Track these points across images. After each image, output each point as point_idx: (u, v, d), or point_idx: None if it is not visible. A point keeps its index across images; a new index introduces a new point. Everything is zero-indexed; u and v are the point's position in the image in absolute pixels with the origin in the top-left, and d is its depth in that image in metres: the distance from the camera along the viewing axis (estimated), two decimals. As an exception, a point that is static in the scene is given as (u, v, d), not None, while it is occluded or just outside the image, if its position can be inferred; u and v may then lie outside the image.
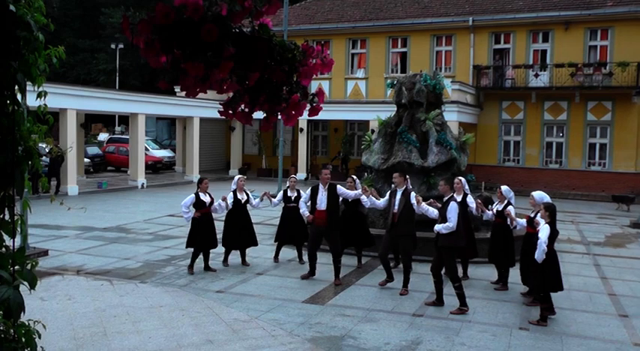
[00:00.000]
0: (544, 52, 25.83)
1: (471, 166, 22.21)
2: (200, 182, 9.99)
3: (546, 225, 7.43)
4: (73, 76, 48.69)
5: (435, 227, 8.01)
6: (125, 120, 39.34)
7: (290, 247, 11.17)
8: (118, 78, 46.85)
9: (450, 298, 8.03)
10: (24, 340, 2.78)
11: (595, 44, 25.08)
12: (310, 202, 9.63)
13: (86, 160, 26.85)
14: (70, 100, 19.81)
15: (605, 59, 24.50)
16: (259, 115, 2.85)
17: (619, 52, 24.05)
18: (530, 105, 25.94)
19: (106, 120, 45.69)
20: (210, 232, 9.85)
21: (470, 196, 9.93)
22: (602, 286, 9.75)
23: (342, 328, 7.16)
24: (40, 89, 3.00)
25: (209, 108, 24.76)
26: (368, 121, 25.18)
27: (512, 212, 8.98)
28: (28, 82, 2.85)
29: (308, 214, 9.70)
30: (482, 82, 26.25)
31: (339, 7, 30.66)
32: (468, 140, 13.93)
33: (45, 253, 10.81)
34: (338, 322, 7.39)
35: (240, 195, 10.26)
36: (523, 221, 8.79)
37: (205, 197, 9.83)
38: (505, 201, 9.26)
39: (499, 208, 9.27)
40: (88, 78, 49.38)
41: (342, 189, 9.49)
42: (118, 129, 45.71)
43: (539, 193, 8.61)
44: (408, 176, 9.33)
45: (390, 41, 28.53)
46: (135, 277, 9.47)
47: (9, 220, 2.82)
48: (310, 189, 9.63)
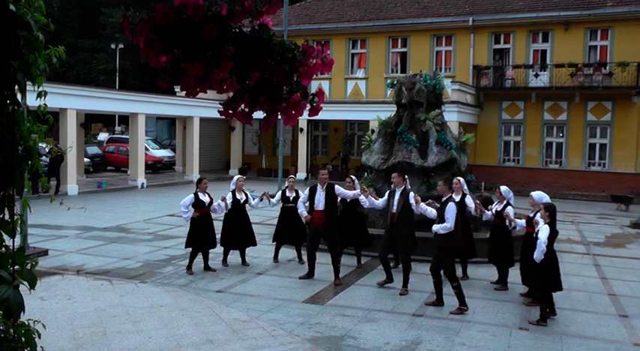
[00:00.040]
0: (544, 52, 25.83)
1: (471, 166, 22.21)
2: (199, 182, 10.00)
3: (546, 225, 7.44)
4: (73, 76, 48.68)
5: (433, 227, 8.02)
6: (125, 120, 39.32)
7: (290, 247, 11.17)
8: (118, 78, 46.82)
9: (450, 298, 8.04)
10: (24, 339, 2.78)
11: (595, 44, 25.08)
12: (308, 202, 9.64)
13: (86, 160, 26.85)
14: (70, 100, 19.81)
15: (605, 59, 24.50)
16: (259, 115, 2.85)
17: (619, 52, 24.05)
18: (530, 105, 25.94)
19: (106, 120, 45.66)
20: (209, 232, 9.85)
21: (468, 197, 9.93)
22: (602, 287, 9.76)
23: (342, 328, 7.16)
24: (40, 89, 3.00)
25: (209, 108, 24.75)
26: (368, 121, 25.18)
27: (511, 213, 8.97)
28: (28, 82, 2.85)
29: (306, 214, 9.71)
30: (482, 82, 26.25)
31: (339, 7, 30.65)
32: (468, 140, 13.93)
33: (45, 252, 10.81)
34: (338, 322, 7.39)
35: (239, 195, 10.26)
36: (522, 222, 8.79)
37: (204, 197, 9.83)
38: (504, 201, 9.26)
39: (498, 208, 9.27)
40: (88, 78, 49.36)
41: (340, 189, 9.49)
42: (117, 129, 45.67)
43: (538, 193, 8.62)
44: (407, 176, 9.33)
45: (390, 41, 28.53)
46: (135, 277, 9.48)
47: (9, 219, 2.82)
48: (308, 189, 9.63)
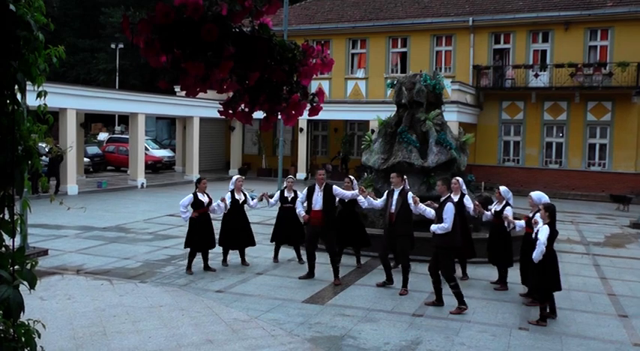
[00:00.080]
0: (544, 52, 25.83)
1: (471, 166, 22.21)
2: (198, 182, 10.00)
3: (546, 226, 7.44)
4: (72, 76, 48.67)
5: (431, 227, 8.04)
6: (125, 120, 39.32)
7: (290, 248, 11.17)
8: (117, 78, 46.82)
9: (450, 298, 8.03)
10: (23, 339, 2.78)
11: (595, 44, 25.08)
12: (306, 202, 9.65)
13: (86, 160, 26.84)
14: (70, 100, 19.81)
15: (605, 59, 24.50)
16: (259, 115, 2.85)
17: (619, 52, 24.05)
18: (530, 105, 25.94)
19: (106, 119, 45.65)
20: (208, 233, 9.85)
21: (467, 197, 9.93)
22: (602, 287, 9.76)
23: (342, 328, 7.16)
24: (40, 89, 3.00)
25: (209, 108, 24.75)
26: (368, 121, 25.18)
27: (509, 215, 8.98)
28: (28, 82, 2.85)
29: (304, 213, 9.72)
30: (482, 82, 26.25)
31: (339, 7, 30.65)
32: (467, 140, 13.94)
33: (45, 252, 10.81)
34: (338, 322, 7.39)
35: (238, 195, 10.26)
36: (522, 223, 8.79)
37: (203, 197, 9.83)
38: (503, 201, 9.26)
39: (497, 208, 9.27)
40: (87, 78, 49.36)
41: (337, 189, 9.49)
42: (117, 129, 45.66)
43: (537, 194, 8.61)
44: (405, 176, 9.35)
45: (390, 41, 28.53)
46: (134, 277, 9.47)
47: (9, 219, 2.82)
48: (306, 189, 9.63)
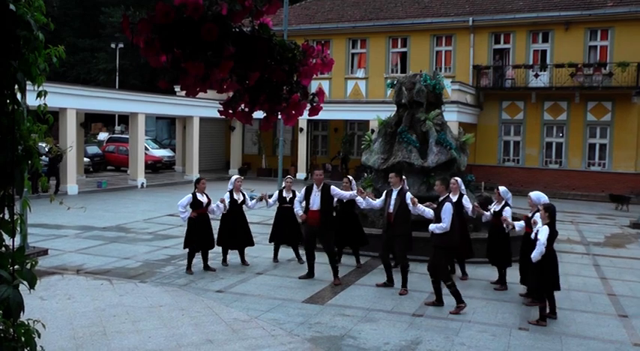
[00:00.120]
0: (544, 52, 25.84)
1: (471, 166, 22.21)
2: (197, 182, 9.98)
3: (545, 226, 7.43)
4: (72, 76, 48.66)
5: (430, 227, 8.06)
6: (125, 119, 39.30)
7: (289, 248, 11.15)
8: (117, 77, 46.79)
9: (450, 298, 8.02)
10: (23, 339, 2.78)
11: (595, 44, 25.08)
12: (304, 202, 9.66)
13: (86, 160, 26.83)
14: (70, 100, 19.81)
15: (605, 59, 24.50)
16: (259, 115, 2.85)
17: (619, 53, 24.05)
18: (530, 105, 25.94)
19: (106, 119, 45.63)
20: (207, 233, 9.84)
21: (466, 197, 9.93)
22: (602, 287, 9.76)
23: (342, 328, 7.16)
24: (40, 88, 3.00)
25: (209, 107, 24.75)
26: (368, 121, 25.18)
27: (508, 216, 8.98)
28: (28, 82, 2.85)
29: (302, 213, 9.72)
30: (482, 82, 26.25)
31: (339, 7, 30.65)
32: (467, 140, 13.93)
33: (44, 252, 10.81)
34: (338, 322, 7.39)
35: (237, 195, 10.25)
36: (522, 223, 8.79)
37: (202, 197, 9.81)
38: (503, 202, 9.26)
39: (496, 208, 9.27)
40: (87, 77, 49.34)
41: (335, 189, 9.48)
42: (117, 128, 45.63)
43: (536, 194, 8.61)
44: (404, 176, 9.35)
45: (390, 41, 28.53)
46: (134, 277, 9.47)
47: (9, 219, 2.81)
48: (304, 189, 9.64)
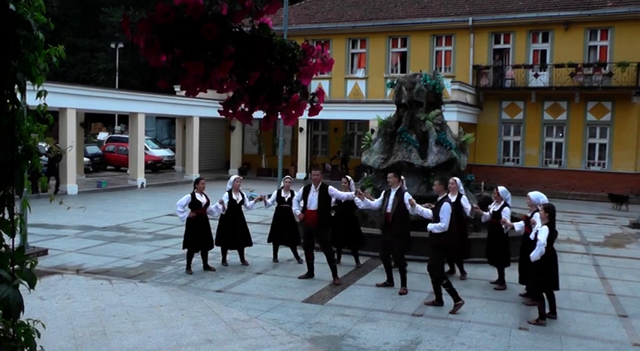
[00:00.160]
0: (544, 52, 25.83)
1: (471, 166, 22.21)
2: (197, 182, 9.97)
3: (545, 226, 7.43)
4: (72, 76, 48.65)
5: (428, 226, 8.08)
6: (125, 119, 39.31)
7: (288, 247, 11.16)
8: (117, 77, 46.78)
9: (450, 298, 8.03)
10: (23, 339, 2.78)
11: (595, 44, 25.08)
12: (302, 202, 9.67)
13: (86, 160, 26.82)
14: (70, 100, 19.80)
15: (605, 59, 24.50)
16: (259, 115, 2.85)
17: (619, 53, 24.05)
18: (530, 105, 25.94)
19: (106, 119, 45.64)
20: (206, 233, 9.84)
21: (464, 197, 9.93)
22: (602, 287, 9.76)
23: (342, 328, 7.16)
24: (40, 88, 3.00)
25: (209, 107, 24.75)
26: (368, 121, 25.18)
27: (507, 217, 8.98)
28: (27, 81, 2.85)
29: (299, 212, 9.73)
30: (482, 82, 26.24)
31: (339, 7, 30.64)
32: (467, 140, 13.93)
33: (44, 252, 10.80)
34: (337, 322, 7.39)
35: (236, 195, 10.24)
36: (521, 223, 8.79)
37: (201, 198, 9.80)
38: (502, 202, 9.27)
39: (495, 208, 9.28)
40: (87, 77, 49.34)
41: (333, 190, 9.50)
42: (117, 128, 45.61)
43: (535, 194, 8.61)
44: (403, 177, 9.37)
45: (390, 41, 28.52)
46: (134, 277, 9.47)
47: (8, 219, 2.81)
48: (302, 188, 9.65)
